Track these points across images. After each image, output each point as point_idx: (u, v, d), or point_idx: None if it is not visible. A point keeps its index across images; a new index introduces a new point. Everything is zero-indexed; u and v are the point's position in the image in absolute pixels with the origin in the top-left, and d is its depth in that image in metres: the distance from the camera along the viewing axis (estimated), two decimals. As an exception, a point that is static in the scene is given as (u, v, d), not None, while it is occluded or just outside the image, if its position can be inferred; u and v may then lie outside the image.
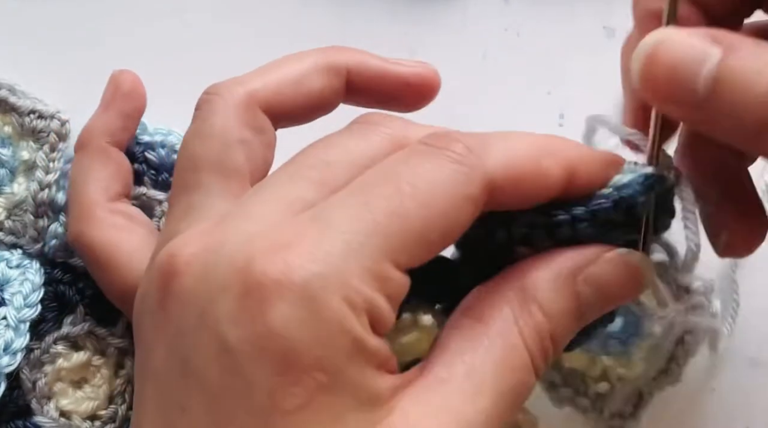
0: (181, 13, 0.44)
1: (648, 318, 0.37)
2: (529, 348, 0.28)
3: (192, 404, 0.26)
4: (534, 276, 0.29)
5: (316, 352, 0.25)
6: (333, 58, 0.34)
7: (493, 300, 0.29)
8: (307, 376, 0.25)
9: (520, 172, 0.28)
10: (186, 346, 0.27)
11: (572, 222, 0.30)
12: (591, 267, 0.29)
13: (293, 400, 0.25)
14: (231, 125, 0.32)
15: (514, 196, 0.29)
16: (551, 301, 0.29)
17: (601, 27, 0.43)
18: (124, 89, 0.39)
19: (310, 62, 0.34)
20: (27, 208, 0.40)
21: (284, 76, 0.34)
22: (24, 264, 0.39)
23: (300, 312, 0.25)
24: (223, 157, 0.32)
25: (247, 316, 0.25)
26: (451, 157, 0.27)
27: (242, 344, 0.25)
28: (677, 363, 0.37)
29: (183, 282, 0.27)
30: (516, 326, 0.28)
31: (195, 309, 0.26)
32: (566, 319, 0.29)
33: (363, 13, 0.44)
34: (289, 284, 0.25)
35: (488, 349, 0.28)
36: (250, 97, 0.33)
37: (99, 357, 0.39)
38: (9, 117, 0.40)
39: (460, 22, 0.44)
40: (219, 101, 0.33)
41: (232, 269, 0.26)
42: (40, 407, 0.38)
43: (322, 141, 0.30)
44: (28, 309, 0.37)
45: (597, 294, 0.29)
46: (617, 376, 0.38)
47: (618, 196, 0.30)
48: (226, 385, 0.26)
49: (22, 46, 0.43)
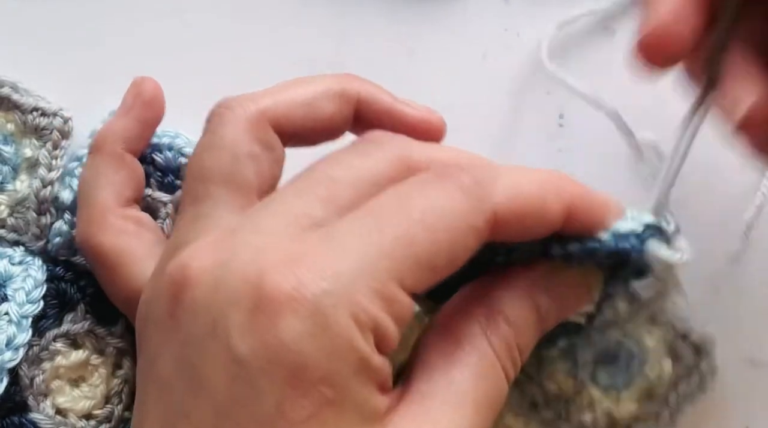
0: (182, 13, 0.44)
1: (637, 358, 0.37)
2: (499, 358, 0.30)
3: (197, 411, 0.27)
4: (499, 291, 0.31)
5: (325, 367, 0.26)
6: (346, 86, 0.35)
7: (463, 317, 0.30)
8: (314, 389, 0.26)
9: (524, 208, 0.29)
10: (195, 355, 0.27)
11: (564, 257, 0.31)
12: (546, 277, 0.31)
13: (301, 412, 0.26)
14: (241, 139, 0.33)
15: (515, 230, 0.30)
16: (515, 314, 0.31)
17: (601, 27, 0.43)
18: (145, 97, 0.39)
19: (324, 87, 0.35)
20: (29, 205, 0.40)
21: (297, 97, 0.34)
22: (26, 260, 0.39)
23: (310, 327, 0.26)
24: (233, 170, 0.32)
25: (258, 328, 0.26)
26: (461, 187, 0.29)
27: (253, 355, 0.26)
28: (670, 410, 0.37)
29: (194, 293, 0.28)
30: (486, 339, 0.30)
31: (206, 320, 0.27)
32: (530, 329, 0.31)
33: (363, 13, 0.44)
34: (300, 299, 0.26)
35: (464, 362, 0.29)
36: (261, 113, 0.33)
37: (97, 357, 0.39)
38: (11, 114, 0.40)
39: (460, 22, 0.44)
40: (230, 115, 0.33)
41: (243, 281, 0.27)
42: (36, 404, 0.38)
43: (329, 158, 0.31)
44: (31, 305, 0.37)
45: (553, 304, 0.31)
46: (603, 410, 0.37)
47: (614, 247, 0.31)
48: (234, 394, 0.26)
49: (21, 46, 0.43)
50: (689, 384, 0.37)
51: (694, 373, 0.37)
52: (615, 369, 0.37)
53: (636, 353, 0.37)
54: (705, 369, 0.37)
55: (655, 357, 0.37)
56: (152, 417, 0.28)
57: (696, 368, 0.37)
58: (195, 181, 0.33)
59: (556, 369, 0.38)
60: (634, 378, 0.37)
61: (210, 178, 0.32)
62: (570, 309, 0.33)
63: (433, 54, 0.44)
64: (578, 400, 0.37)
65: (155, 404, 0.28)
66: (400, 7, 0.44)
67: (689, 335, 0.37)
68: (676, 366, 0.37)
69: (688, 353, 0.37)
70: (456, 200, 0.28)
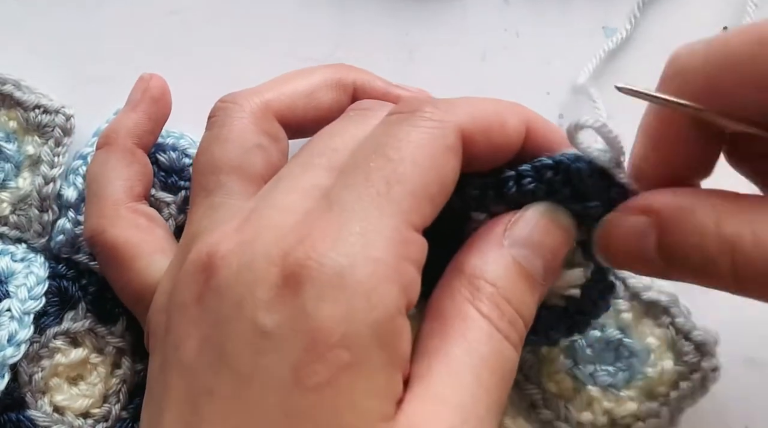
0: (182, 13, 0.44)
1: (638, 357, 0.37)
2: (492, 320, 0.30)
3: (221, 387, 0.28)
4: (468, 258, 0.31)
5: (342, 329, 0.27)
6: (342, 75, 0.37)
7: (446, 295, 0.30)
8: (331, 353, 0.26)
9: (485, 122, 0.30)
10: (221, 335, 0.28)
11: (517, 178, 0.31)
12: (510, 229, 0.31)
13: (315, 377, 0.26)
14: (249, 131, 0.34)
15: (484, 147, 0.31)
16: (490, 271, 0.30)
17: (601, 27, 0.43)
18: (153, 93, 0.39)
19: (321, 77, 0.36)
20: (32, 202, 0.40)
21: (296, 88, 0.36)
22: (29, 257, 0.39)
23: (329, 291, 0.27)
24: (242, 160, 0.33)
25: (281, 302, 0.27)
26: (423, 116, 0.30)
27: (277, 327, 0.27)
28: (670, 408, 0.37)
29: (221, 276, 0.28)
30: (472, 306, 0.30)
31: (233, 301, 0.28)
32: (513, 281, 0.30)
33: (363, 13, 0.44)
34: (319, 268, 0.27)
35: (453, 334, 0.29)
36: (265, 106, 0.35)
37: (97, 355, 0.39)
38: (14, 112, 0.40)
39: (460, 22, 0.44)
40: (236, 109, 0.34)
41: (267, 262, 0.28)
42: (34, 401, 0.38)
43: (326, 130, 0.32)
44: (33, 301, 0.37)
45: (529, 250, 0.31)
46: (603, 410, 0.37)
47: (560, 157, 0.31)
48: (256, 366, 0.27)
49: (24, 45, 0.43)
50: (691, 382, 0.37)
51: (696, 372, 0.37)
52: (615, 368, 0.37)
53: (637, 352, 0.37)
54: (707, 367, 0.37)
55: (657, 355, 0.37)
56: (174, 399, 0.29)
57: (698, 367, 0.37)
58: (205, 174, 0.33)
59: (556, 368, 0.38)
60: (634, 376, 0.37)
61: (220, 169, 0.33)
62: (552, 251, 0.32)
63: (433, 54, 0.44)
64: (577, 400, 0.38)
65: (178, 386, 0.29)
66: (400, 7, 0.44)
67: (691, 333, 0.37)
68: (677, 365, 0.37)
69: (690, 351, 0.37)
70: (422, 128, 0.29)
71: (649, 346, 0.37)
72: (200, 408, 0.28)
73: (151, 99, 0.39)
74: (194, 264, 0.30)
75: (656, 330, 0.38)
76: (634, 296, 0.38)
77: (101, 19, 0.43)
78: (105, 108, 0.40)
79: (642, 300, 0.38)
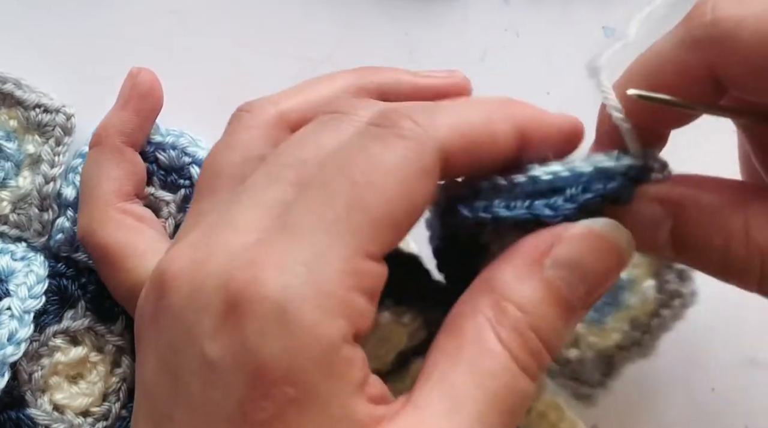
0: (183, 13, 0.44)
1: (625, 289, 0.37)
2: (510, 349, 0.27)
3: (178, 414, 0.27)
4: (500, 275, 0.28)
5: (286, 365, 0.25)
6: (364, 81, 0.35)
7: (467, 312, 0.28)
8: (276, 390, 0.25)
9: (471, 137, 0.28)
10: (175, 361, 0.27)
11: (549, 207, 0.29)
12: (555, 248, 0.28)
13: (262, 413, 0.25)
14: (256, 140, 0.33)
15: (468, 162, 0.28)
16: (521, 295, 0.28)
17: (601, 27, 0.43)
18: (142, 89, 0.39)
19: (342, 84, 0.35)
20: (32, 201, 0.40)
21: (316, 97, 0.34)
22: (29, 256, 0.39)
23: (271, 325, 0.25)
24: (241, 170, 0.32)
25: (225, 333, 0.26)
26: (399, 134, 0.27)
27: (221, 359, 0.26)
28: (651, 336, 0.37)
29: (172, 299, 0.27)
30: (492, 331, 0.27)
31: (182, 326, 0.27)
32: (546, 309, 0.28)
33: (363, 14, 0.44)
34: (261, 299, 0.25)
35: (464, 362, 0.27)
36: (279, 116, 0.33)
37: (96, 354, 0.39)
38: (14, 111, 0.40)
39: (460, 22, 0.44)
40: (249, 117, 0.33)
41: (213, 288, 0.26)
42: (34, 399, 0.38)
43: (296, 137, 0.30)
44: (33, 300, 0.37)
45: (573, 274, 0.28)
46: (588, 344, 0.37)
47: (604, 192, 0.29)
48: (206, 398, 0.26)
49: (25, 44, 0.43)
50: (671, 309, 0.37)
51: (677, 298, 0.37)
52: (601, 302, 0.37)
53: (621, 282, 0.37)
54: (687, 293, 0.37)
55: (639, 284, 0.37)
56: (142, 418, 0.29)
57: (679, 293, 0.37)
58: (204, 178, 0.33)
59: None
60: (618, 308, 0.38)
61: (218, 175, 0.32)
62: (599, 275, 0.29)
63: (433, 54, 0.44)
64: None
65: (144, 408, 0.28)
66: (400, 7, 0.44)
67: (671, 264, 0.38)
68: (659, 293, 0.37)
69: (671, 279, 0.37)
70: (397, 148, 0.27)
71: (633, 277, 0.37)
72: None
73: (140, 95, 0.38)
74: (151, 281, 0.29)
75: (640, 261, 0.37)
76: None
77: (101, 18, 0.43)
78: (105, 107, 0.40)
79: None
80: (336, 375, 0.26)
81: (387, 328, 0.31)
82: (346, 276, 0.26)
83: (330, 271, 0.26)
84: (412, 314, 0.32)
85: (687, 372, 0.41)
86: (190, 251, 0.28)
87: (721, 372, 0.41)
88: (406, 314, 0.33)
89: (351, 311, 0.26)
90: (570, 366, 0.38)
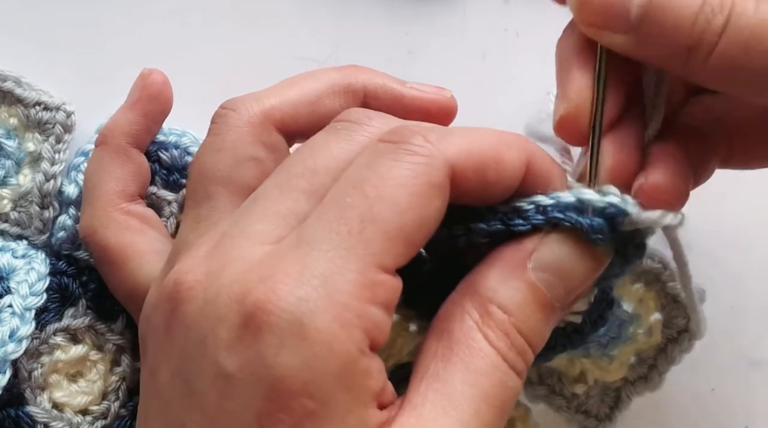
0: (184, 12, 0.44)
1: (630, 323, 0.37)
2: (497, 348, 0.28)
3: (192, 423, 0.27)
4: (484, 279, 0.29)
5: (304, 378, 0.26)
6: (351, 80, 0.35)
7: (455, 315, 0.29)
8: (294, 402, 0.26)
9: (480, 159, 0.29)
10: (188, 370, 0.27)
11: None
12: (536, 252, 0.29)
13: (279, 426, 0.26)
14: (244, 141, 0.33)
15: (477, 185, 0.29)
16: (507, 297, 0.29)
17: (601, 27, 0.43)
18: (152, 90, 0.38)
19: (328, 82, 0.35)
20: (32, 199, 0.40)
21: (301, 95, 0.34)
22: (30, 254, 0.39)
23: (289, 338, 0.26)
24: (233, 173, 0.32)
25: (243, 345, 0.26)
26: (410, 149, 0.28)
27: (238, 372, 0.26)
28: (658, 370, 0.38)
29: (186, 310, 0.28)
30: (480, 332, 0.28)
31: (197, 337, 0.27)
32: (529, 309, 0.29)
33: (363, 13, 0.44)
34: (279, 312, 0.26)
35: (456, 362, 0.28)
36: (265, 114, 0.33)
37: (96, 353, 0.39)
38: (15, 109, 0.40)
39: (460, 22, 0.44)
40: (234, 116, 0.33)
41: (229, 300, 0.27)
42: (33, 397, 0.38)
43: (307, 146, 0.30)
44: (34, 297, 0.37)
45: (554, 276, 0.29)
46: (595, 378, 0.38)
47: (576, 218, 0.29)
48: (222, 409, 0.26)
49: (26, 43, 0.43)
50: (678, 345, 0.38)
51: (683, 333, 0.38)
52: (607, 337, 0.37)
53: (627, 317, 0.38)
54: (694, 328, 0.37)
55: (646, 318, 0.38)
56: (153, 425, 0.29)
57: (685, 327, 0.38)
58: (196, 183, 0.33)
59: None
60: (624, 341, 0.38)
61: (210, 179, 0.32)
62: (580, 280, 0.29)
63: (433, 54, 0.44)
64: (570, 372, 0.38)
65: (157, 414, 0.29)
66: (400, 7, 0.44)
67: (680, 296, 0.38)
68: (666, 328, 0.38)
69: (678, 314, 0.38)
70: (407, 163, 0.28)
71: (640, 311, 0.38)
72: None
73: (149, 96, 0.38)
74: (165, 291, 0.29)
75: (647, 294, 0.38)
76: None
77: (101, 17, 0.43)
78: (105, 105, 0.40)
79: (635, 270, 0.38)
80: (354, 388, 0.26)
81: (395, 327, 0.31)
82: (362, 289, 0.26)
83: (346, 284, 0.26)
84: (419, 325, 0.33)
85: (687, 372, 0.41)
86: (204, 262, 0.28)
87: (721, 372, 0.41)
88: (413, 320, 0.33)
89: (368, 323, 0.26)
90: (577, 400, 0.38)
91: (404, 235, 0.27)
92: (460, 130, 0.29)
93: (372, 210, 0.27)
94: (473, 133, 0.29)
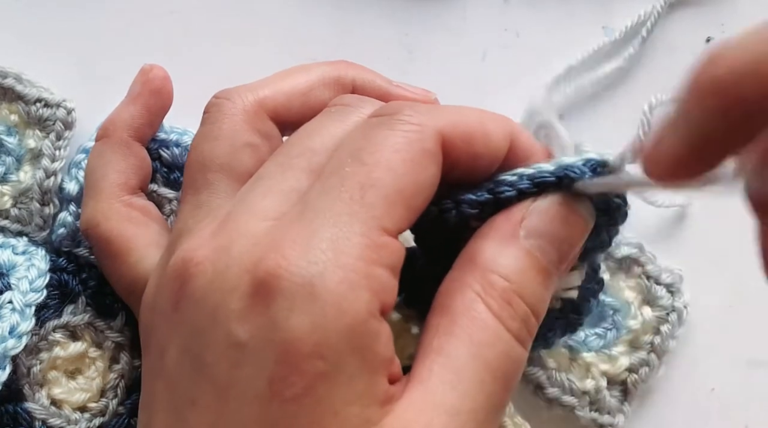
0: (184, 12, 0.44)
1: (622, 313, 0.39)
2: (501, 319, 0.29)
3: (202, 397, 0.27)
4: (481, 250, 0.30)
5: (315, 339, 0.26)
6: (341, 73, 0.36)
7: (456, 288, 0.30)
8: (305, 364, 0.26)
9: (467, 129, 0.30)
10: (199, 345, 0.28)
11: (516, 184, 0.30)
12: (526, 220, 0.30)
13: (292, 389, 0.26)
14: (239, 128, 0.33)
15: (465, 154, 0.30)
16: (505, 265, 0.29)
17: (601, 27, 0.44)
18: (153, 85, 0.39)
19: (319, 74, 0.36)
20: (33, 196, 0.40)
21: (293, 86, 0.35)
22: (30, 250, 0.39)
23: (300, 302, 0.26)
24: (231, 159, 0.33)
25: (254, 312, 0.27)
26: (402, 119, 0.29)
27: (250, 339, 0.27)
28: (657, 353, 0.39)
29: (196, 284, 0.28)
30: (482, 302, 0.29)
31: (207, 310, 0.28)
32: (529, 274, 0.30)
33: (362, 14, 0.44)
34: (289, 276, 0.27)
35: (459, 334, 0.28)
36: (259, 104, 0.34)
37: (95, 350, 0.39)
38: (15, 105, 0.40)
39: (460, 22, 0.44)
40: (228, 105, 0.34)
41: (240, 271, 0.27)
42: (32, 393, 0.38)
43: (305, 128, 0.32)
44: (34, 293, 0.37)
45: (545, 241, 0.30)
46: (601, 372, 0.39)
47: (563, 172, 0.30)
48: (233, 378, 0.27)
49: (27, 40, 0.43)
50: (669, 324, 0.39)
51: (672, 312, 0.39)
52: (603, 329, 0.39)
53: (619, 308, 0.39)
54: (680, 305, 0.39)
55: (636, 307, 0.39)
56: (161, 408, 0.29)
57: (672, 307, 0.39)
58: (194, 171, 0.33)
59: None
60: (621, 332, 0.39)
61: (208, 167, 0.33)
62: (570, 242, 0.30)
63: (433, 54, 0.44)
64: (576, 369, 0.39)
65: (163, 395, 0.29)
66: (400, 7, 0.44)
67: (660, 277, 0.39)
68: (654, 311, 0.39)
69: (663, 295, 0.39)
70: (399, 131, 0.29)
71: (627, 300, 0.39)
72: (185, 418, 0.28)
73: (151, 91, 0.38)
74: (172, 270, 0.29)
75: (630, 283, 0.39)
76: (607, 256, 0.39)
77: (102, 15, 0.43)
78: (106, 102, 0.40)
79: (614, 258, 0.39)
80: (363, 350, 0.27)
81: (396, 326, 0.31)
82: (368, 251, 0.27)
83: (352, 247, 0.27)
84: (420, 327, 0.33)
85: (687, 372, 0.41)
86: (211, 239, 0.29)
87: (721, 372, 0.41)
88: (414, 321, 0.33)
89: (375, 284, 0.27)
90: (588, 397, 0.39)
91: (403, 198, 0.28)
92: (446, 106, 0.31)
93: (371, 175, 0.28)
94: (458, 108, 0.31)
